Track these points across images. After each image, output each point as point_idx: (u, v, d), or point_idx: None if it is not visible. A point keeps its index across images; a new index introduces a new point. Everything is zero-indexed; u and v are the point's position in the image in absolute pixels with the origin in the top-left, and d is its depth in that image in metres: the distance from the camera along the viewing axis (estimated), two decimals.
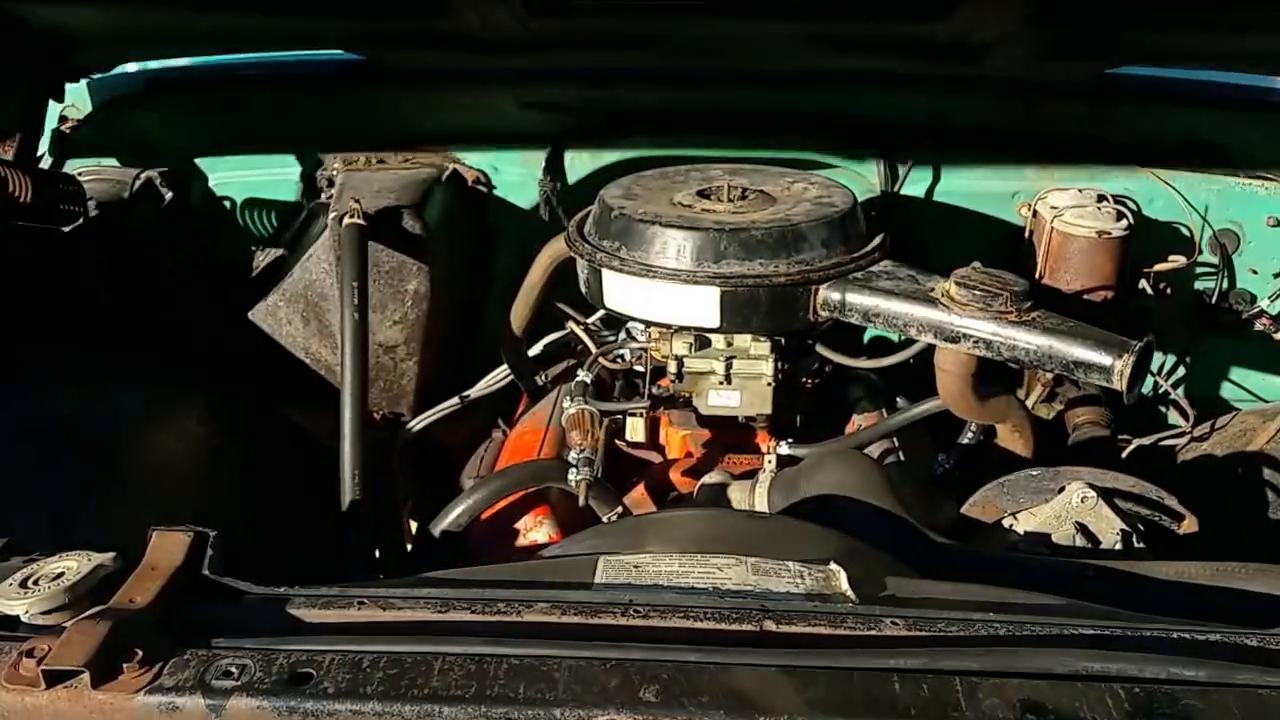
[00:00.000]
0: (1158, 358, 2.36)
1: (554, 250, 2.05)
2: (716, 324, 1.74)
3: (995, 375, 1.83)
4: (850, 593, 1.16)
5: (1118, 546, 1.53)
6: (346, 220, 2.03)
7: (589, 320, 2.17)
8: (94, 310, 2.22)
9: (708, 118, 2.37)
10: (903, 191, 2.30)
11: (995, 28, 1.93)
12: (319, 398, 2.29)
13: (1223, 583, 1.27)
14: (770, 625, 1.09)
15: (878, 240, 1.83)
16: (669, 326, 1.83)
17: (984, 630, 1.08)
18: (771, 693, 0.98)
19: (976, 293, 1.64)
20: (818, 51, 2.09)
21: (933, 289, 1.71)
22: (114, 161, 2.42)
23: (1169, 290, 2.25)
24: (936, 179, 2.32)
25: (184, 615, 1.07)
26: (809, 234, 1.75)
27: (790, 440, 1.91)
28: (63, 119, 2.42)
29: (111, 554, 1.11)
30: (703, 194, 1.89)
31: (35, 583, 1.09)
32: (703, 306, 1.73)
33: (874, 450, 1.94)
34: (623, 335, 2.19)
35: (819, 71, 2.23)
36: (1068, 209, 2.13)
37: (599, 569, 1.22)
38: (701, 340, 1.88)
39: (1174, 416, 2.42)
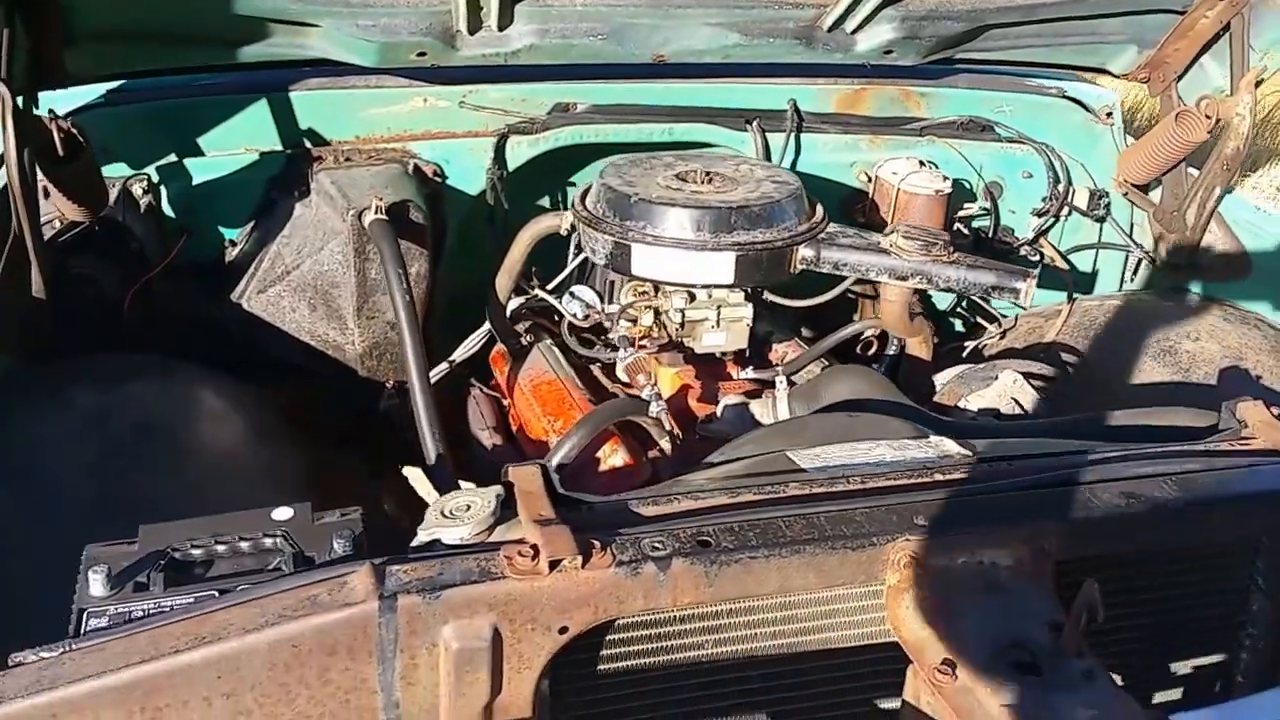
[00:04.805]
0: None
1: (534, 230, 2.36)
2: (731, 281, 2.15)
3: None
4: (965, 451, 1.64)
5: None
6: (374, 216, 2.23)
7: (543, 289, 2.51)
8: (106, 315, 2.26)
9: (625, 108, 2.73)
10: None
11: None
12: (320, 375, 2.47)
13: (1145, 421, 1.86)
14: (939, 476, 1.55)
15: (821, 209, 2.31)
16: (692, 285, 2.21)
17: (1068, 460, 1.60)
18: (982, 510, 1.43)
19: (919, 243, 2.16)
20: (726, 41, 2.47)
21: (879, 242, 2.21)
22: None
23: (961, 229, 2.92)
24: (798, 152, 2.84)
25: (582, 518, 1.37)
26: (787, 207, 2.20)
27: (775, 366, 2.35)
28: None
29: (498, 487, 1.38)
30: (680, 178, 2.28)
31: (453, 513, 1.35)
32: (721, 268, 2.12)
33: (814, 368, 2.43)
34: (567, 298, 2.54)
35: (719, 65, 2.64)
36: (909, 175, 2.71)
37: (795, 460, 1.62)
38: (690, 295, 2.27)
39: (960, 326, 3.12)
